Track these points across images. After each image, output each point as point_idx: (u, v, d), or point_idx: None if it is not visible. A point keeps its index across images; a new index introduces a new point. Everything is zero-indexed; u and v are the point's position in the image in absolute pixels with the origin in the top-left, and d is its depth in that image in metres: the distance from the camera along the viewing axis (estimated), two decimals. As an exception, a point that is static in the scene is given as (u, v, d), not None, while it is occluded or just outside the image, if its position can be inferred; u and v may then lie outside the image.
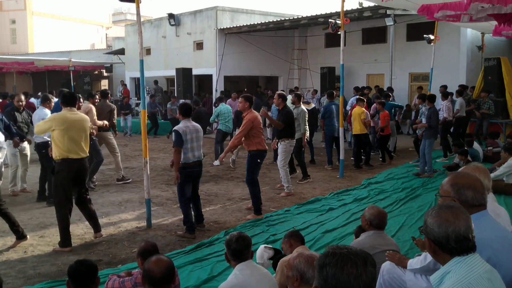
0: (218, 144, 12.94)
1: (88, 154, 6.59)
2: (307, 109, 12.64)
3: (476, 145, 11.96)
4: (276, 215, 7.91)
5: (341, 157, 11.24)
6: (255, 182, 7.89)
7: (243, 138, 7.80)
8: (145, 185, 7.36)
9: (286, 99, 9.35)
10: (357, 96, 13.59)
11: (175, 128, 6.90)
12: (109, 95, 10.93)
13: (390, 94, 14.66)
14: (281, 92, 9.72)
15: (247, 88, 24.67)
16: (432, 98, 11.22)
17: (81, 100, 9.51)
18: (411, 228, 7.07)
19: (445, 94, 13.75)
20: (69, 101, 6.47)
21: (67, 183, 6.35)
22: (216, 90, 21.51)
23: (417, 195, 9.26)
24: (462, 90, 14.89)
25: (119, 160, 10.73)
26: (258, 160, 7.89)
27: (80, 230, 7.21)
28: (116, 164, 10.66)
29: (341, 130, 11.27)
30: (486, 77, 16.57)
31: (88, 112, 9.19)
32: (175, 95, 20.29)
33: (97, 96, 10.47)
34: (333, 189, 9.96)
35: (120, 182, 10.44)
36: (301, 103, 10.83)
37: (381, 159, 12.97)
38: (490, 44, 18.68)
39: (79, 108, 8.37)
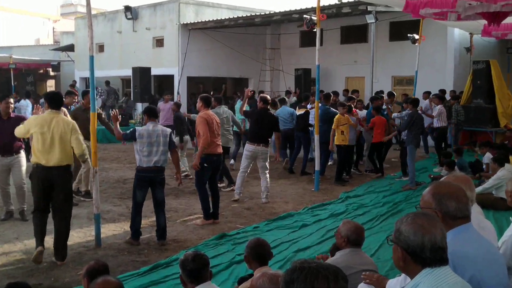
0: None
1: (67, 163, 6.57)
2: (298, 114, 12.89)
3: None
4: (243, 232, 7.92)
5: (316, 167, 11.31)
6: (201, 186, 8.37)
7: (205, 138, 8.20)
8: (94, 198, 7.26)
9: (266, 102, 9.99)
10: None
11: (138, 127, 7.31)
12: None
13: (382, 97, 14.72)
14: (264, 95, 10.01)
15: (213, 90, 24.59)
16: (415, 102, 11.46)
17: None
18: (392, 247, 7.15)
19: (441, 98, 14.05)
20: (54, 102, 6.60)
21: (37, 192, 6.50)
22: (178, 93, 21.42)
23: (400, 210, 9.39)
24: (443, 96, 15.23)
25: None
26: (205, 165, 8.27)
27: (17, 248, 7.06)
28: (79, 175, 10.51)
29: (316, 137, 11.35)
30: (475, 81, 16.96)
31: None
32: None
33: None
34: (307, 203, 10.01)
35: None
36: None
37: (370, 172, 13.09)
38: (479, 46, 19.17)
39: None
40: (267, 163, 10.00)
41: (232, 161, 13.48)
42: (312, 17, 11.14)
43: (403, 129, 11.37)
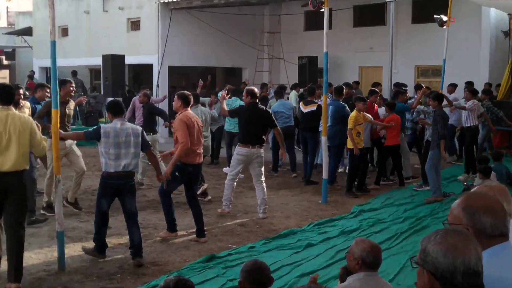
0: (230, 148, 14.20)
1: (24, 167, 6.61)
2: (306, 111, 12.91)
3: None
4: (236, 253, 7.92)
5: (324, 175, 11.33)
6: (165, 196, 8.59)
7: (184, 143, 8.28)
8: (57, 212, 7.26)
9: (254, 96, 10.08)
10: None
11: (102, 124, 7.44)
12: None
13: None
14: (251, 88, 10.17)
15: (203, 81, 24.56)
16: (438, 98, 11.47)
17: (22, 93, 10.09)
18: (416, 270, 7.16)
19: (474, 91, 14.02)
20: (3, 96, 6.62)
21: None
22: (158, 85, 21.42)
23: (424, 226, 9.43)
24: (475, 90, 15.19)
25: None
26: (177, 174, 8.40)
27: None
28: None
29: (323, 139, 11.37)
30: (515, 71, 17.05)
31: None
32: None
33: (21, 91, 10.55)
34: (312, 218, 10.02)
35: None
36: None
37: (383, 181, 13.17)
38: (519, 29, 19.26)
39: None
40: (262, 169, 10.02)
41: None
42: (319, -6, 11.16)
43: (444, 133, 11.27)
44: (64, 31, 26.17)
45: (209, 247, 8.28)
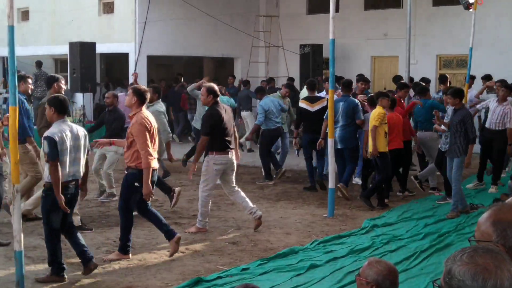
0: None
1: None
2: (318, 108, 13.01)
3: None
4: (226, 276, 7.89)
5: (330, 184, 11.34)
6: (127, 211, 8.62)
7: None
8: (15, 229, 7.24)
9: (216, 95, 10.02)
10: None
11: (47, 133, 7.42)
12: None
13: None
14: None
15: (184, 75, 24.58)
16: (458, 93, 11.38)
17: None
18: (438, 296, 7.18)
19: (510, 87, 13.83)
20: None
21: None
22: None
23: (448, 244, 9.42)
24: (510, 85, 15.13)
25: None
26: (136, 184, 8.43)
27: None
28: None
29: (329, 141, 11.39)
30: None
31: None
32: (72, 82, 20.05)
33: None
34: (317, 235, 10.01)
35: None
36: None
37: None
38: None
39: None
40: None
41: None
42: (324, -28, 11.21)
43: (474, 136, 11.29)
44: (24, 15, 26.15)
45: (195, 269, 8.25)
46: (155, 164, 8.54)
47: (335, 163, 11.66)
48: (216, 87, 10.17)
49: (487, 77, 15.70)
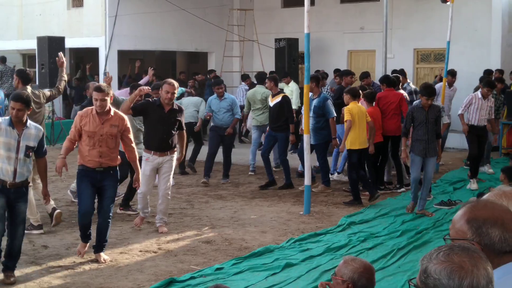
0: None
1: None
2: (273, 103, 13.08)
3: None
4: (199, 276, 7.86)
5: (306, 181, 11.34)
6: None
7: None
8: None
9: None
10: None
11: None
12: None
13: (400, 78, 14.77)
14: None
15: (157, 70, 24.44)
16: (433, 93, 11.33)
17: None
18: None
19: (491, 83, 13.72)
20: None
21: None
22: (105, 74, 21.24)
23: (426, 241, 9.46)
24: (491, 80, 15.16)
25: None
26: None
27: None
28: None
29: (305, 137, 11.37)
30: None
31: None
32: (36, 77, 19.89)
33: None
34: (293, 232, 10.00)
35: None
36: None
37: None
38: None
39: None
40: None
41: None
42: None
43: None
44: (-10, 8, 25.87)
45: (168, 269, 8.21)
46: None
47: (309, 160, 11.61)
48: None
49: (451, 73, 15.69)
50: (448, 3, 15.14)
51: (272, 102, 13.49)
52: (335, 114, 12.79)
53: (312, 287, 7.46)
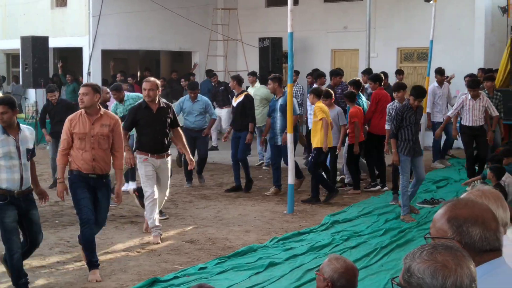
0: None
1: None
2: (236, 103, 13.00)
3: None
4: (183, 276, 7.87)
5: (290, 180, 11.35)
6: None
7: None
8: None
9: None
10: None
11: None
12: None
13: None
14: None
15: (140, 70, 24.36)
16: (422, 94, 11.26)
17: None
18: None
19: (470, 84, 13.53)
20: None
21: None
22: (89, 74, 21.20)
23: (409, 240, 9.49)
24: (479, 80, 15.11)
25: None
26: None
27: None
28: None
29: (289, 136, 11.37)
30: (514, 55, 17.28)
31: None
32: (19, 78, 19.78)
33: None
34: (276, 232, 10.01)
35: None
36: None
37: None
38: (519, 5, 19.50)
39: None
40: None
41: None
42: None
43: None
44: (-27, 8, 25.73)
45: (151, 269, 8.21)
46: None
47: (293, 159, 11.58)
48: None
49: (439, 72, 15.76)
50: (431, 2, 15.22)
51: (235, 101, 13.47)
52: (299, 112, 12.79)
53: (295, 286, 7.48)
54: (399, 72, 17.83)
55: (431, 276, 2.39)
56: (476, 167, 13.21)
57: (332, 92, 12.86)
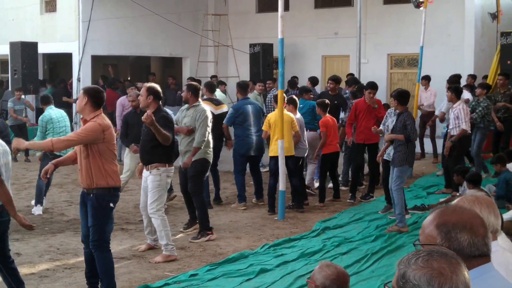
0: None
1: None
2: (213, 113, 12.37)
3: None
4: (174, 283, 7.87)
5: (281, 187, 11.36)
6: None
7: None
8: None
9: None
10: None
11: None
12: None
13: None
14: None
15: (131, 76, 24.36)
16: (403, 96, 10.87)
17: None
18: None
19: (457, 90, 13.34)
20: None
21: None
22: (79, 79, 21.16)
23: (400, 246, 9.53)
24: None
25: None
26: (111, 205, 7.41)
27: None
28: None
29: (279, 143, 11.35)
30: (504, 61, 17.38)
31: None
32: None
33: None
34: (267, 238, 10.04)
35: None
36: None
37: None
38: (509, 11, 19.58)
39: None
40: None
41: None
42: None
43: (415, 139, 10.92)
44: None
45: (142, 276, 8.21)
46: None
47: (284, 166, 11.49)
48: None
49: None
50: (422, 8, 15.26)
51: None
52: (226, 123, 12.28)
53: (285, 293, 7.52)
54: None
55: (427, 283, 2.40)
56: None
57: (295, 98, 12.67)
